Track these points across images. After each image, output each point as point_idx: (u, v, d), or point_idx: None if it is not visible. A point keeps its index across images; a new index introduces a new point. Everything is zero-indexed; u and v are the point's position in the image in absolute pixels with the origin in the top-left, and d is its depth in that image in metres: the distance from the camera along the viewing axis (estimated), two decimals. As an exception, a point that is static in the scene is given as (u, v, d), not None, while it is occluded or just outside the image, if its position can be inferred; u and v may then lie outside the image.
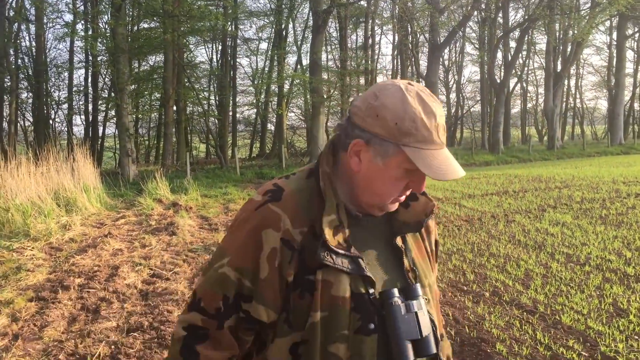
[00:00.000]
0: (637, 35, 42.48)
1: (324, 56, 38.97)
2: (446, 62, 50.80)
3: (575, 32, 29.48)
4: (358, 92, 33.33)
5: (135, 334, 4.77)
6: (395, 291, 1.32)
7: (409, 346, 1.30)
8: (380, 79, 55.62)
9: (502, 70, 35.28)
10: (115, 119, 23.95)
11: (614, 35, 38.65)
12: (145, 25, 27.13)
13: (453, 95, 51.07)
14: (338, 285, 1.28)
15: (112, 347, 4.49)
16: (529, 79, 49.64)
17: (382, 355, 1.31)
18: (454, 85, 50.13)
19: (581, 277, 6.05)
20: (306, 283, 1.29)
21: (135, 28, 26.99)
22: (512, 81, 44.68)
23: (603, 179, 14.09)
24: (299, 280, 1.29)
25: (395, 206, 1.40)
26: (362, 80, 32.82)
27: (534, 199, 11.44)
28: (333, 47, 35.97)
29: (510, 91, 42.11)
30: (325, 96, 25.25)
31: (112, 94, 24.89)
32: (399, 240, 1.43)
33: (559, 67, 33.90)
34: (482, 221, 9.50)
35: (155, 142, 34.16)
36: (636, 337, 4.39)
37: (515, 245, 7.65)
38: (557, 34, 34.04)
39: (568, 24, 31.78)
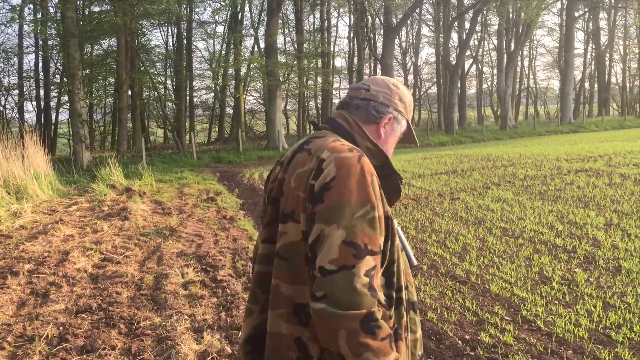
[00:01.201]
0: (586, 16, 43.59)
1: (281, 39, 38.92)
2: (403, 44, 51.20)
3: (526, 14, 30.11)
4: (316, 75, 33.47)
5: (83, 315, 4.90)
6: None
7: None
8: (338, 62, 55.78)
9: (457, 52, 35.86)
10: (68, 104, 23.51)
11: (565, 16, 39.65)
12: (97, 9, 26.59)
13: (410, 77, 51.59)
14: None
15: (61, 328, 4.61)
16: (484, 60, 50.47)
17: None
18: (412, 67, 50.65)
19: (514, 249, 6.43)
20: (387, 217, 1.60)
21: (87, 11, 26.45)
22: (468, 62, 45.45)
23: (548, 157, 14.66)
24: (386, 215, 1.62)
25: None
26: (319, 63, 32.91)
27: (480, 177, 11.87)
28: (291, 29, 35.94)
29: (465, 72, 42.79)
30: (281, 79, 25.28)
31: (65, 80, 24.37)
32: None
33: (512, 48, 34.67)
34: (428, 199, 9.86)
35: (111, 128, 33.64)
36: (556, 302, 4.75)
37: (456, 222, 8.00)
38: (510, 16, 34.75)
39: (520, 6, 32.45)
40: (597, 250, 6.11)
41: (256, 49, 32.86)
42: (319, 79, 32.13)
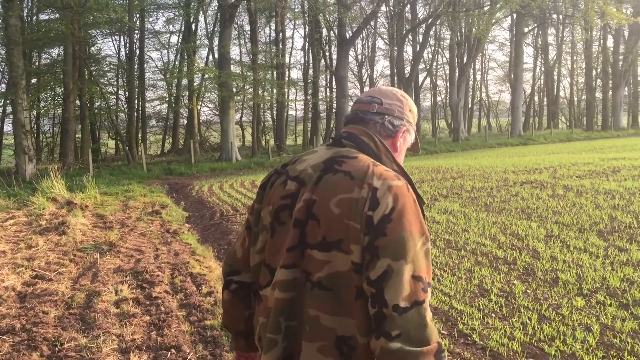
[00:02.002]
0: (535, 31, 44.87)
1: (236, 50, 38.73)
2: (359, 57, 51.73)
3: (476, 28, 30.78)
4: (273, 87, 33.36)
5: (4, 337, 4.64)
6: None
7: None
8: (294, 74, 55.79)
9: (411, 65, 36.33)
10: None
11: (514, 32, 40.73)
12: (45, 17, 25.93)
13: (366, 89, 52.03)
14: None
15: (-22, 351, 4.34)
16: (438, 74, 51.41)
17: None
18: (367, 80, 51.13)
19: (456, 261, 6.43)
20: None
21: (34, 19, 25.74)
22: (422, 75, 46.17)
23: (496, 169, 14.90)
24: None
25: None
26: (275, 75, 32.83)
27: (428, 189, 11.94)
28: (247, 40, 35.78)
29: (420, 85, 43.44)
30: (235, 90, 25.08)
31: (8, 89, 23.59)
32: None
33: (464, 62, 35.34)
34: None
35: (59, 139, 32.74)
36: (493, 315, 4.74)
37: (402, 234, 7.98)
38: (462, 30, 35.47)
39: (471, 21, 33.17)
40: (537, 262, 6.16)
41: (211, 59, 32.59)
42: (275, 91, 32.03)
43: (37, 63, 27.92)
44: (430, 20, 30.72)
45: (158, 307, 5.23)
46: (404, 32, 33.24)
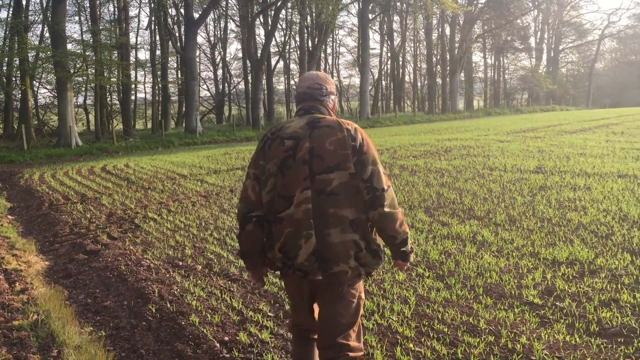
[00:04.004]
0: (380, 18, 46.79)
1: (77, 27, 36.03)
2: (212, 39, 50.66)
3: (325, 13, 31.38)
4: (118, 68, 31.51)
5: None
6: None
7: None
8: (143, 55, 53.33)
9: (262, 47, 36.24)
10: None
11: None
12: None
13: (220, 72, 51.19)
14: None
15: None
16: (291, 57, 51.87)
17: None
18: (220, 62, 50.28)
19: (291, 242, 6.47)
20: None
21: None
22: (275, 59, 46.29)
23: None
24: None
25: None
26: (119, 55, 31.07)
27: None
28: (88, 17, 33.42)
29: (273, 68, 43.52)
30: (73, 71, 23.36)
31: None
32: None
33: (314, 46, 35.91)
34: (219, 196, 9.67)
35: None
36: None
37: (242, 217, 7.90)
38: (313, 14, 35.99)
39: (321, 6, 33.74)
40: (367, 239, 6.37)
41: (48, 36, 30.03)
42: (117, 72, 30.33)
43: None
44: (279, 3, 30.76)
45: (-42, 311, 4.68)
46: (254, 13, 33.01)
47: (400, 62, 52.46)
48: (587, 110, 50.43)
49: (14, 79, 29.87)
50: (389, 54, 52.41)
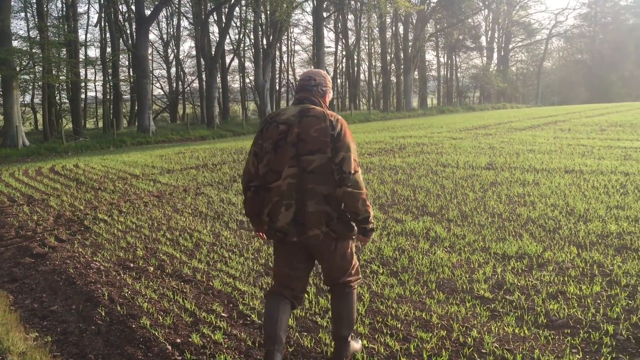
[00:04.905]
0: (334, 16, 46.93)
1: (22, 24, 34.86)
2: (165, 36, 49.88)
3: (279, 11, 31.25)
4: (66, 66, 30.67)
5: None
6: None
7: None
8: (92, 52, 52.01)
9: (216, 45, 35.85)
10: None
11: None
12: None
13: (174, 70, 50.46)
14: None
15: None
16: (246, 55, 51.52)
17: None
18: (174, 60, 49.55)
19: (245, 242, 6.42)
20: None
21: None
22: (230, 57, 45.90)
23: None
24: None
25: None
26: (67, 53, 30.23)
27: (229, 171, 11.88)
28: (36, 14, 32.36)
29: (227, 66, 43.16)
30: (18, 69, 22.59)
31: None
32: None
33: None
34: (172, 195, 9.51)
35: None
36: (274, 292, 4.78)
37: (195, 217, 7.80)
38: (267, 12, 35.79)
39: (275, 4, 33.58)
40: (322, 237, 6.36)
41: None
42: (66, 70, 29.51)
43: None
44: (232, 0, 30.47)
45: None
46: (208, 11, 32.63)
47: (355, 61, 52.77)
48: (536, 108, 51.87)
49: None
50: (343, 52, 52.66)
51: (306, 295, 4.63)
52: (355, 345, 3.55)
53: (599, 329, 3.81)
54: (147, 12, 28.48)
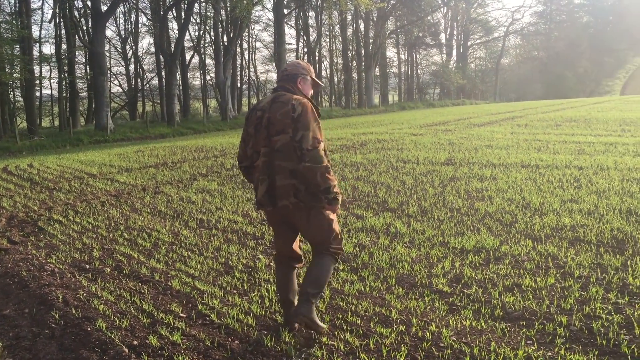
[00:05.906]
0: (295, 13, 46.82)
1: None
2: (122, 33, 48.92)
3: (239, 8, 31.00)
4: (20, 63, 29.79)
5: None
6: None
7: None
8: (47, 48, 50.62)
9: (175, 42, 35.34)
10: None
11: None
12: None
13: (132, 67, 49.58)
14: None
15: None
16: (207, 52, 50.98)
17: None
18: (132, 57, 48.69)
19: (205, 240, 6.35)
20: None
21: None
22: (190, 53, 45.35)
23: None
24: None
25: None
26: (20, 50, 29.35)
27: (188, 169, 11.73)
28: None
29: (188, 63, 42.62)
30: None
31: None
32: None
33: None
34: (130, 195, 9.34)
35: None
36: (234, 291, 4.74)
37: (154, 216, 7.68)
38: (227, 9, 35.46)
39: (236, 1, 33.28)
40: (282, 235, 6.34)
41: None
42: (19, 67, 28.68)
43: None
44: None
45: None
46: (166, 7, 32.15)
47: (317, 58, 52.78)
48: (495, 104, 52.82)
49: None
50: (305, 49, 52.58)
51: (266, 294, 4.62)
52: (320, 323, 3.77)
53: (553, 320, 3.90)
54: (104, 8, 27.90)
